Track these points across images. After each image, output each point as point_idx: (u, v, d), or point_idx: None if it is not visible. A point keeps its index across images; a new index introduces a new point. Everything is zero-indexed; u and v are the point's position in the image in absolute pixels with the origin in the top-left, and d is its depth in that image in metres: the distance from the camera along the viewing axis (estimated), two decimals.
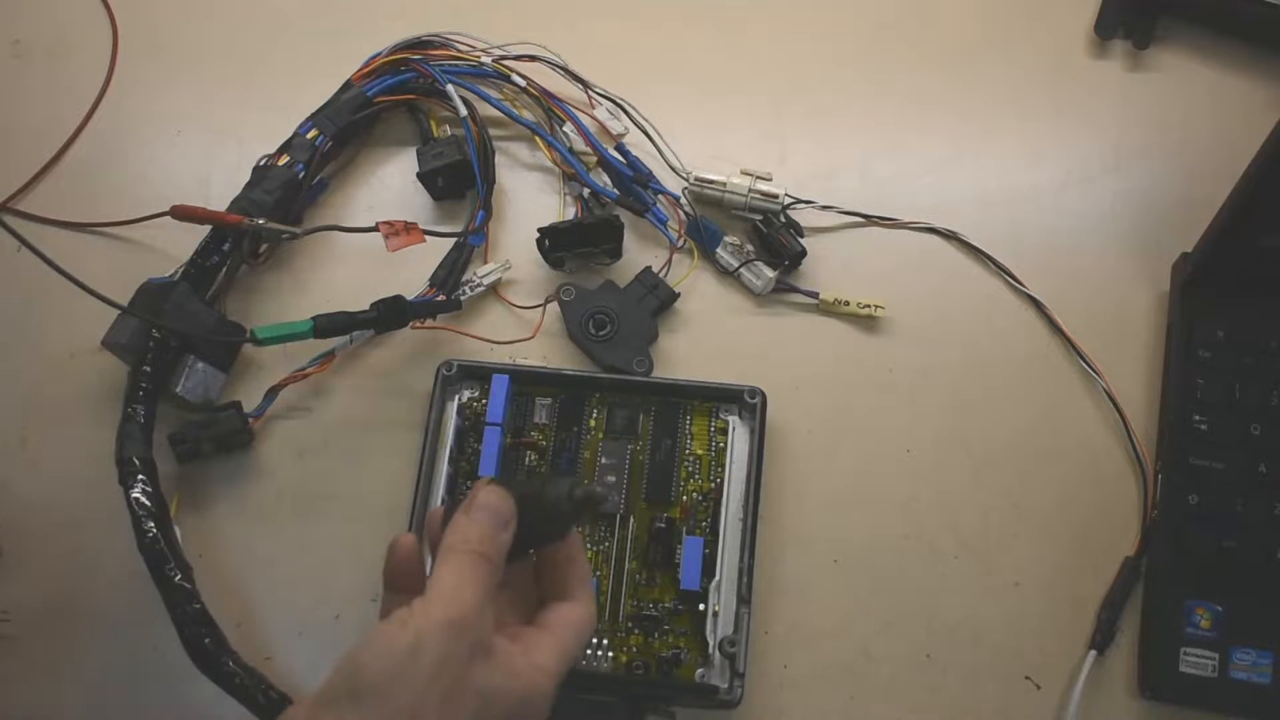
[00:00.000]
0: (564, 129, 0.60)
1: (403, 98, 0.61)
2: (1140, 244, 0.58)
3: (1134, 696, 0.50)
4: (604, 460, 0.52)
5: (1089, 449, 0.54)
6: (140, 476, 0.50)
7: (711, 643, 0.48)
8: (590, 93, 0.60)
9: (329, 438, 0.55)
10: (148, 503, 0.49)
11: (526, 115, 0.60)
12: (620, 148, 0.59)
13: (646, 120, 0.59)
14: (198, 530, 0.53)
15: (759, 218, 0.58)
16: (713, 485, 0.52)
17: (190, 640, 0.47)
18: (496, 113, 0.60)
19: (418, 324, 0.56)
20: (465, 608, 0.35)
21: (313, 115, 0.59)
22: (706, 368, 0.55)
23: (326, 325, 0.52)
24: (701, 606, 0.49)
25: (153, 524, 0.49)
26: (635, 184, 0.58)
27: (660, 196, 0.59)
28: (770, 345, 0.57)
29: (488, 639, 0.36)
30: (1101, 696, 0.50)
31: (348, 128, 0.59)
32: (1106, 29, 0.63)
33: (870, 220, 0.59)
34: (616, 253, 0.57)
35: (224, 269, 0.57)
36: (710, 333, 0.57)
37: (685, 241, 0.58)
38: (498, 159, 0.60)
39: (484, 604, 0.36)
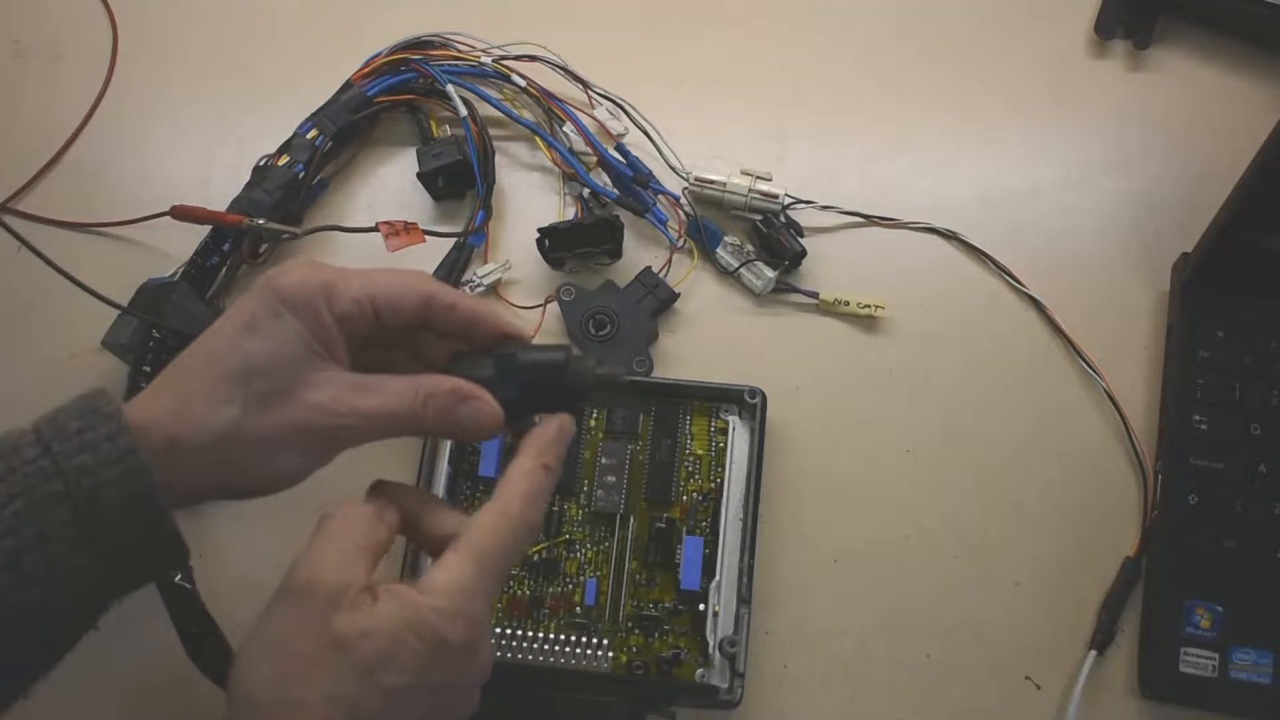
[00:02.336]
0: (564, 129, 0.60)
1: (403, 98, 0.61)
2: (1140, 244, 0.58)
3: (1134, 696, 0.50)
4: (604, 460, 0.52)
5: (1089, 449, 0.54)
6: None
7: (711, 643, 0.48)
8: (590, 93, 0.60)
9: None
10: None
11: (526, 115, 0.60)
12: (620, 148, 0.59)
13: (646, 120, 0.59)
14: (198, 530, 0.53)
15: (759, 218, 0.58)
16: (713, 485, 0.52)
17: (190, 640, 0.47)
18: (496, 113, 0.60)
19: None
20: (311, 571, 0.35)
21: (313, 115, 0.59)
22: (706, 368, 0.55)
23: None
24: (701, 606, 0.49)
25: None
26: (635, 184, 0.58)
27: (660, 196, 0.59)
28: (770, 345, 0.57)
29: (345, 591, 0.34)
30: (1101, 696, 0.50)
31: (348, 128, 0.59)
32: (1106, 29, 0.63)
33: (870, 220, 0.59)
34: (616, 253, 0.57)
35: (224, 269, 0.57)
36: (710, 333, 0.57)
37: (685, 241, 0.58)
38: (498, 159, 0.60)
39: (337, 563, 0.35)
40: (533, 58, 0.61)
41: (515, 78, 0.60)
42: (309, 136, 0.58)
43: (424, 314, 0.39)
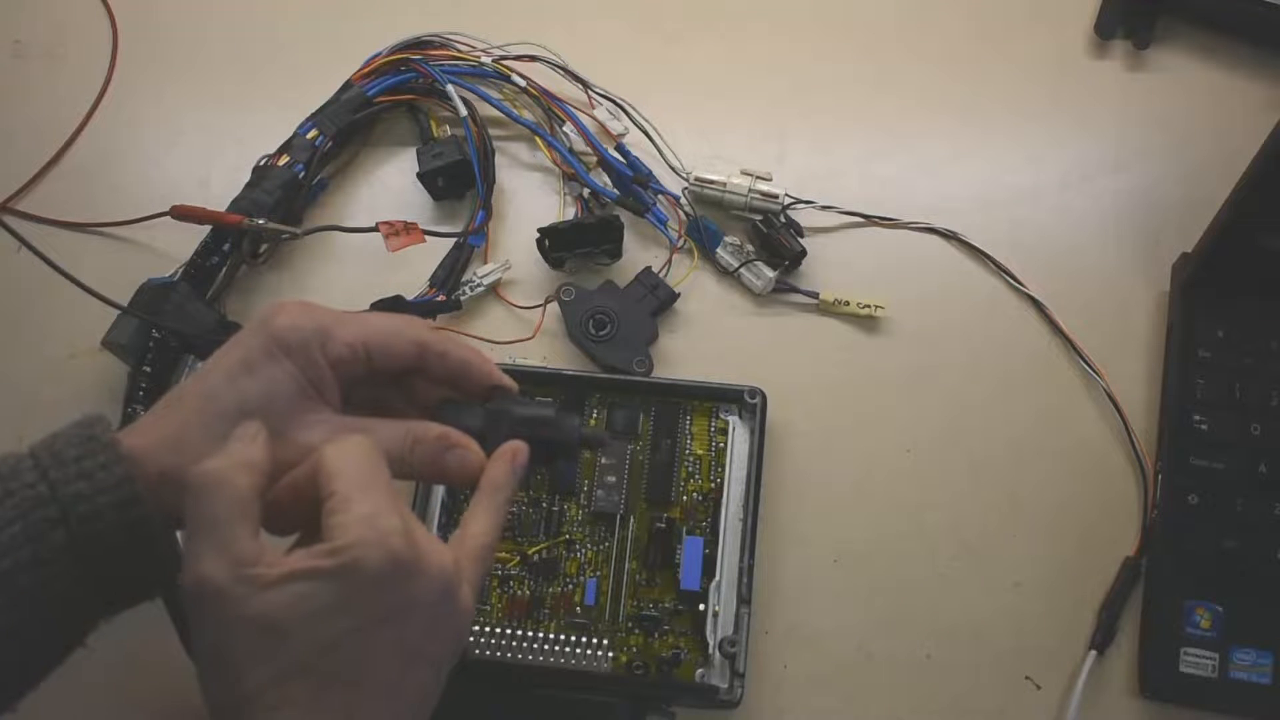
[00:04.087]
0: (564, 129, 0.60)
1: (403, 98, 0.61)
2: (1140, 244, 0.58)
3: (1134, 696, 0.50)
4: (604, 460, 0.52)
5: (1089, 449, 0.54)
6: None
7: (711, 643, 0.48)
8: (590, 93, 0.60)
9: None
10: None
11: (526, 115, 0.60)
12: (620, 148, 0.59)
13: (646, 120, 0.59)
14: None
15: (759, 218, 0.58)
16: (713, 485, 0.52)
17: (188, 636, 0.47)
18: (496, 113, 0.60)
19: None
20: None
21: (313, 115, 0.59)
22: (706, 368, 0.55)
23: None
24: (701, 606, 0.49)
25: None
26: (635, 184, 0.58)
27: (660, 196, 0.59)
28: (770, 345, 0.57)
29: None
30: (1101, 696, 0.50)
31: (348, 128, 0.59)
32: (1106, 29, 0.63)
33: (870, 220, 0.59)
34: (616, 253, 0.57)
35: (224, 269, 0.57)
36: (710, 333, 0.57)
37: (685, 241, 0.58)
38: (498, 159, 0.60)
39: None
40: (533, 58, 0.61)
41: (515, 78, 0.60)
42: (309, 136, 0.58)
43: (417, 360, 0.40)
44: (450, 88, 0.59)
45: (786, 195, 0.58)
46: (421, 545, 0.34)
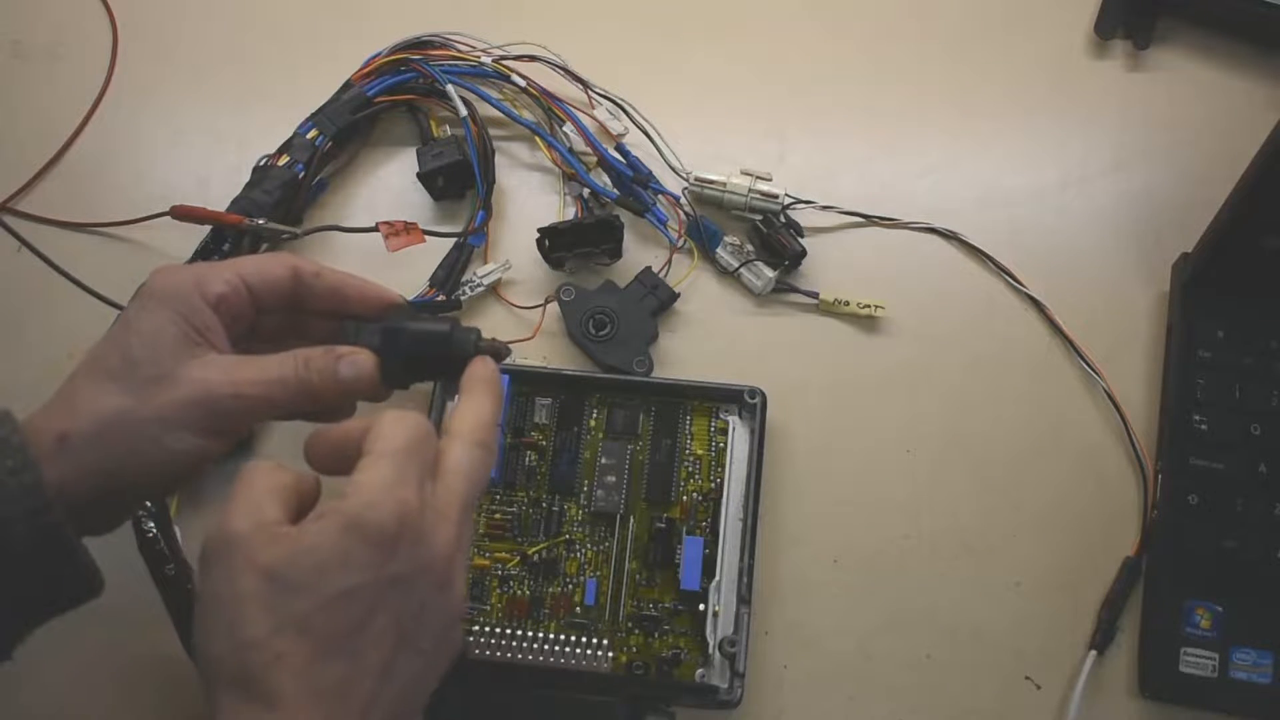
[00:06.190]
0: (564, 129, 0.60)
1: (403, 98, 0.61)
2: (1140, 244, 0.58)
3: (1134, 696, 0.50)
4: (604, 460, 0.52)
5: (1089, 449, 0.54)
6: None
7: (711, 643, 0.48)
8: (590, 93, 0.60)
9: None
10: (147, 502, 0.49)
11: (526, 115, 0.60)
12: (620, 148, 0.59)
13: (646, 120, 0.59)
14: (197, 530, 0.53)
15: (759, 218, 0.58)
16: (713, 485, 0.52)
17: (186, 630, 0.47)
18: (496, 113, 0.60)
19: None
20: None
21: (313, 115, 0.59)
22: (706, 368, 0.55)
23: None
24: (701, 606, 0.49)
25: (152, 524, 0.49)
26: (635, 184, 0.58)
27: (660, 196, 0.59)
28: (770, 345, 0.57)
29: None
30: (1101, 696, 0.50)
31: (348, 128, 0.59)
32: (1106, 29, 0.63)
33: (870, 220, 0.59)
34: (616, 253, 0.57)
35: None
36: (710, 333, 0.57)
37: (685, 241, 0.58)
38: (498, 159, 0.60)
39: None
40: (533, 58, 0.61)
41: (515, 78, 0.60)
42: (309, 136, 0.58)
43: (295, 286, 0.41)
44: (450, 88, 0.59)
45: (786, 195, 0.58)
46: (428, 521, 0.35)
